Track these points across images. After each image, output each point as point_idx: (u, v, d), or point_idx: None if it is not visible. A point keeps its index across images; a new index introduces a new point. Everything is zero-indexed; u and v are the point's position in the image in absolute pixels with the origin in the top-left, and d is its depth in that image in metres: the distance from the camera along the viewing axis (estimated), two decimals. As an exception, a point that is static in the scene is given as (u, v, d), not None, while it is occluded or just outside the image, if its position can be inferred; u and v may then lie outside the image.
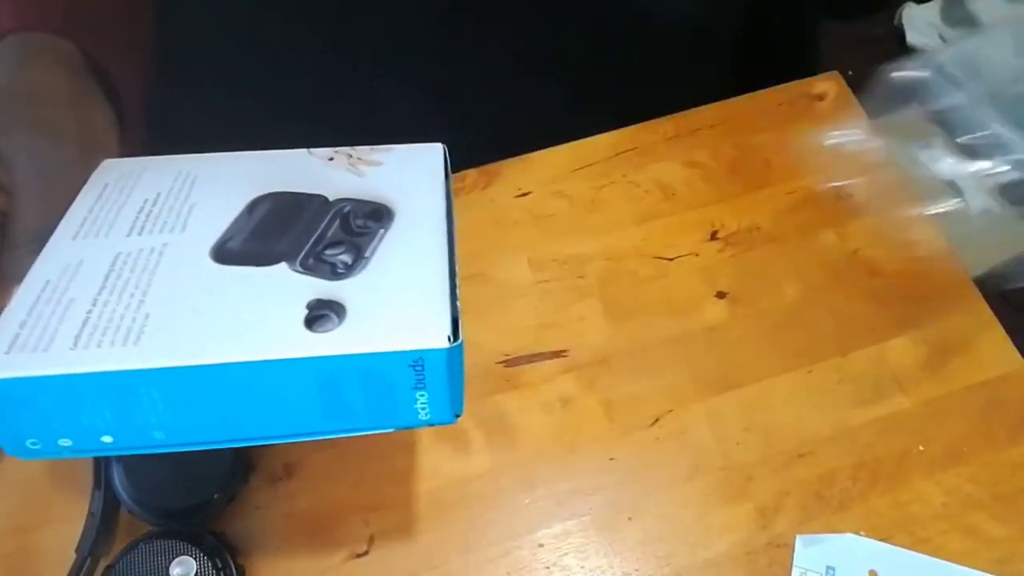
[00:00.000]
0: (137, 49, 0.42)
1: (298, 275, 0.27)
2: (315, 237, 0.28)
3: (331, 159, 0.32)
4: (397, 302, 0.26)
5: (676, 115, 0.56)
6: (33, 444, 0.25)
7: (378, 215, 0.29)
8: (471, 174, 0.54)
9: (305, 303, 0.25)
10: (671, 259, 0.51)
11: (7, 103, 0.33)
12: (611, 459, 0.45)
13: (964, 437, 0.45)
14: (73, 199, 0.31)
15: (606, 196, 0.53)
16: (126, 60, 0.40)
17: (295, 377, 0.24)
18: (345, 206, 0.30)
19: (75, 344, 0.24)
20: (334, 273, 0.27)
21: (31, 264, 0.28)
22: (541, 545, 0.43)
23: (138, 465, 0.41)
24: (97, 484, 0.42)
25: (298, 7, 0.51)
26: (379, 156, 0.32)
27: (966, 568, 0.41)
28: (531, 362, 0.48)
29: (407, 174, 0.31)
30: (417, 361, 0.24)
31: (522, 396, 0.47)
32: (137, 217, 0.29)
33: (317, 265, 0.27)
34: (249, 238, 0.28)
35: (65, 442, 0.26)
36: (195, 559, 0.39)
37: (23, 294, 0.26)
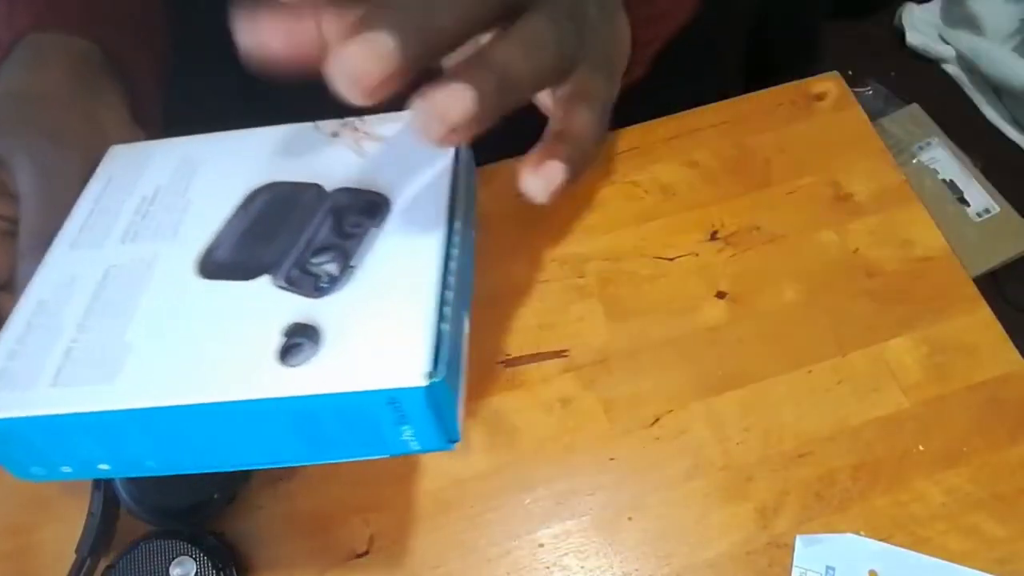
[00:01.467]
0: (153, 43, 0.42)
1: (279, 292, 0.25)
2: (304, 241, 0.27)
3: (335, 134, 0.29)
4: (376, 326, 0.24)
5: (676, 115, 0.56)
6: (37, 471, 0.26)
7: (373, 209, 0.27)
8: (471, 174, 0.54)
9: (281, 328, 0.24)
10: (671, 259, 0.51)
11: (10, 107, 0.32)
12: (611, 459, 0.45)
13: (964, 437, 0.45)
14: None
15: (606, 196, 0.53)
16: (143, 55, 0.40)
17: (268, 415, 0.23)
18: (340, 198, 0.27)
19: (55, 381, 0.24)
20: (316, 288, 0.25)
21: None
22: (541, 545, 0.43)
23: (138, 465, 0.41)
24: (97, 484, 0.42)
25: None
26: (386, 128, 0.29)
27: (966, 568, 0.41)
28: (531, 362, 0.48)
29: (413, 147, 0.28)
30: (393, 399, 0.22)
31: (522, 396, 0.47)
32: (133, 219, 0.28)
33: (301, 278, 0.25)
34: (236, 245, 0.27)
35: (66, 468, 0.26)
36: (195, 559, 0.39)
37: (15, 320, 0.26)
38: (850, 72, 1.29)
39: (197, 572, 0.39)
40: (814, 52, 0.68)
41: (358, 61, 0.20)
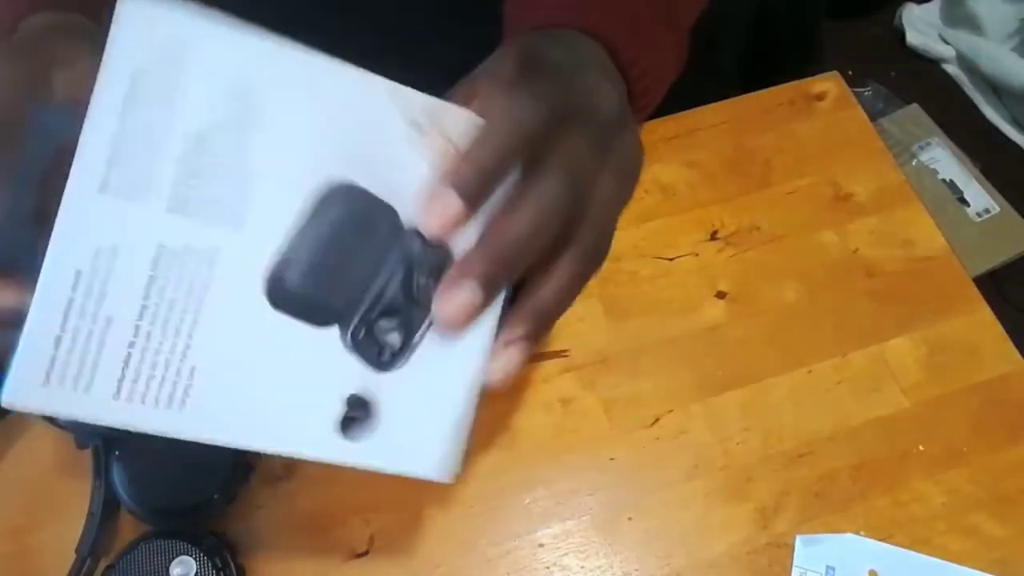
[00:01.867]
0: None
1: (345, 352, 0.26)
2: (375, 291, 0.26)
3: (417, 127, 0.26)
4: (423, 417, 0.27)
5: (676, 115, 0.56)
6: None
7: (441, 272, 0.26)
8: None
9: (343, 396, 0.26)
10: (671, 259, 0.51)
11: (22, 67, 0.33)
12: (611, 459, 0.45)
13: (964, 437, 0.45)
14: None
15: (606, 196, 0.53)
16: None
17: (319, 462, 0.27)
18: (414, 247, 0.26)
19: (118, 392, 0.24)
20: (378, 359, 0.26)
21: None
22: (541, 545, 0.43)
23: (138, 465, 0.41)
24: (97, 484, 0.42)
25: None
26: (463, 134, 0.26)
27: (966, 568, 0.41)
28: (531, 362, 0.48)
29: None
30: (424, 478, 0.27)
31: (522, 396, 0.47)
32: (179, 171, 0.24)
33: (366, 342, 0.26)
34: (308, 272, 0.25)
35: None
36: (195, 559, 0.39)
37: (50, 289, 0.23)
38: (850, 72, 1.29)
39: (197, 572, 0.39)
40: (814, 52, 0.68)
41: (451, 313, 0.25)
